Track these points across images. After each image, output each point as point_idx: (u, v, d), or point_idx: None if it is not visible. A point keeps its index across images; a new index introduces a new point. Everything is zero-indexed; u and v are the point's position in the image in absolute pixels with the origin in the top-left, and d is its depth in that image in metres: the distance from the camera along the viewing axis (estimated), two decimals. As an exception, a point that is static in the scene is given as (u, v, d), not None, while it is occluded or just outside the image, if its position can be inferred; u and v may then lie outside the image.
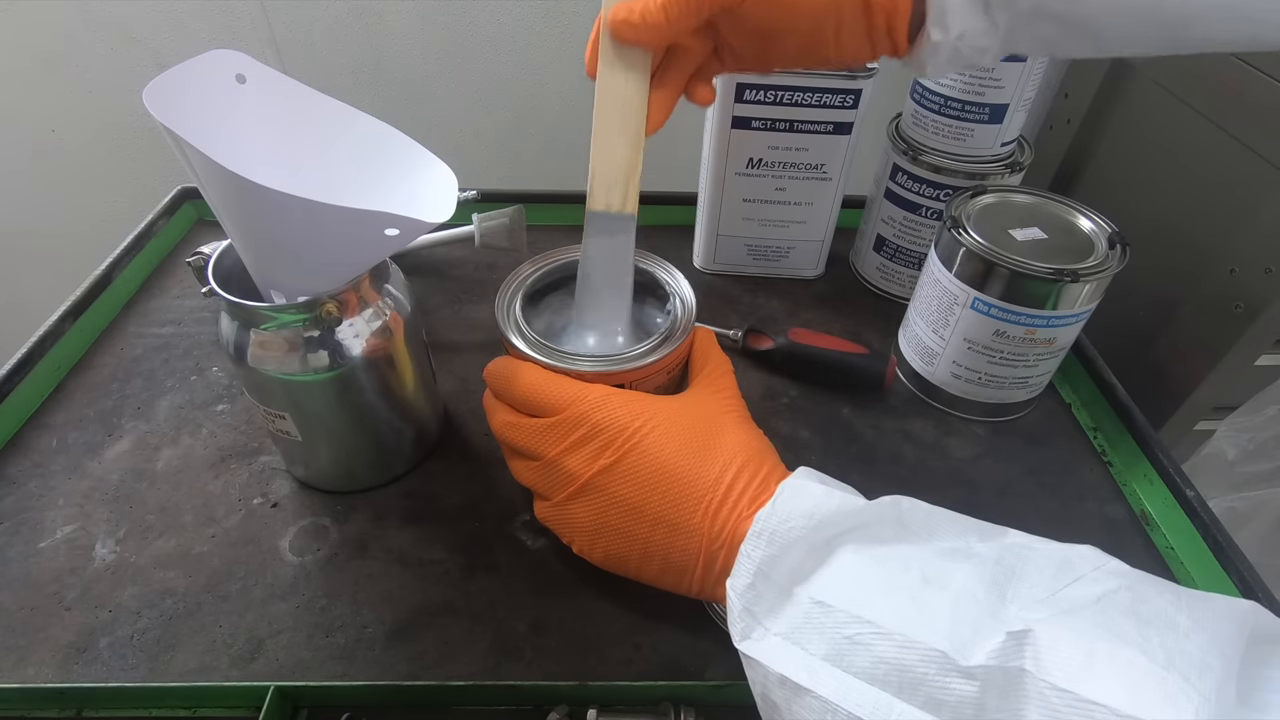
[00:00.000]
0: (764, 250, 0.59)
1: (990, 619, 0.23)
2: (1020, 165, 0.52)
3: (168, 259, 0.60)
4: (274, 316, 0.34)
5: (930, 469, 0.45)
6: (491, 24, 0.76)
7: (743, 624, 0.27)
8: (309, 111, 0.36)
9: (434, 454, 0.44)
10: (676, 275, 0.39)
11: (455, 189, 0.34)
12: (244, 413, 0.46)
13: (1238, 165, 0.54)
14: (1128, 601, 0.23)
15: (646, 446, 0.31)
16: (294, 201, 0.28)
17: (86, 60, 0.77)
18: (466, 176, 0.38)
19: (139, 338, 0.52)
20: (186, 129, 0.28)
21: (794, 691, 0.25)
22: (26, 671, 0.34)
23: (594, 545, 0.33)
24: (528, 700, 0.33)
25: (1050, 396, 0.51)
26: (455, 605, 0.37)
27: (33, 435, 0.45)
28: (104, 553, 0.38)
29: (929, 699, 0.22)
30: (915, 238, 0.55)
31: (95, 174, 0.85)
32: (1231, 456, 0.60)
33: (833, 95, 0.50)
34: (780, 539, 0.27)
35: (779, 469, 0.31)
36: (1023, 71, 0.48)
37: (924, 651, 0.23)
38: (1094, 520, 0.43)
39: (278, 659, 0.34)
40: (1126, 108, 0.67)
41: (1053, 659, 0.21)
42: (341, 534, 0.40)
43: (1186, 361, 0.58)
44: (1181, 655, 0.21)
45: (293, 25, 0.76)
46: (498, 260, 0.60)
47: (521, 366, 0.34)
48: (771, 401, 0.49)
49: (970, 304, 0.43)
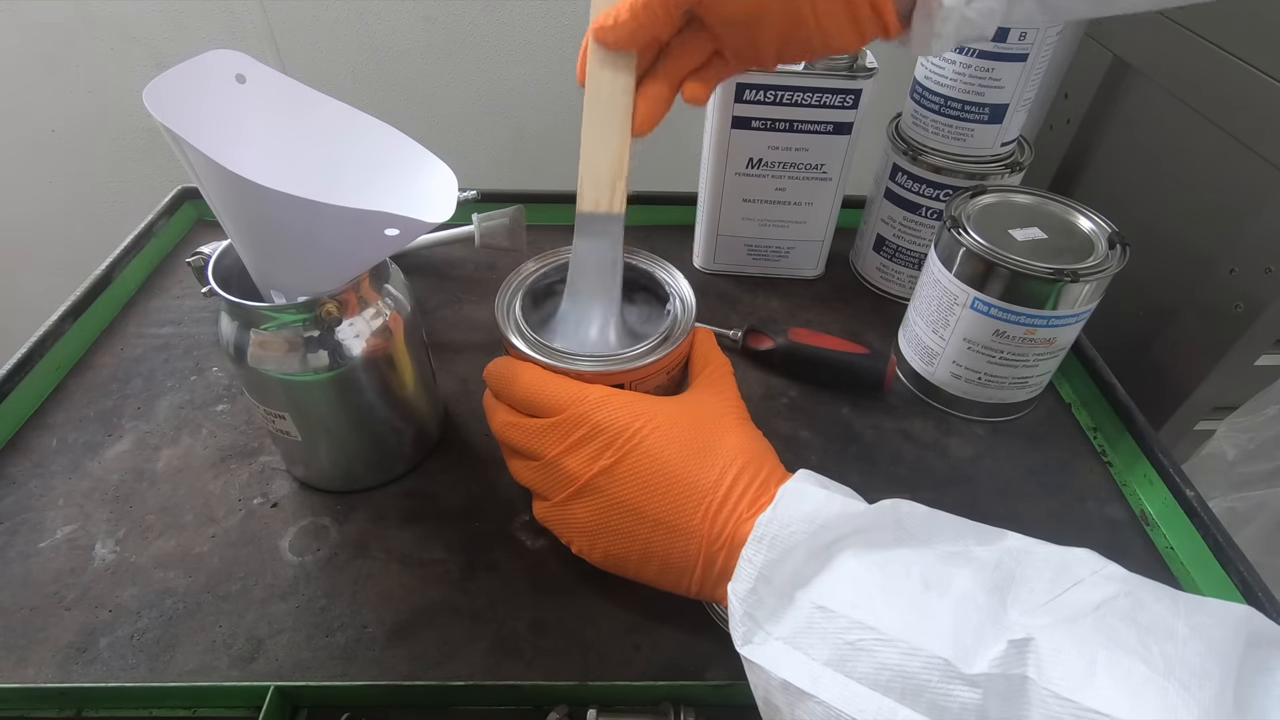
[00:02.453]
0: (764, 250, 0.59)
1: (992, 626, 0.23)
2: (1020, 165, 0.52)
3: (168, 259, 0.60)
4: (274, 316, 0.34)
5: (930, 469, 0.45)
6: (491, 24, 0.76)
7: (744, 628, 0.27)
8: (309, 111, 0.36)
9: (434, 454, 0.44)
10: (676, 275, 0.39)
11: (455, 189, 0.34)
12: (244, 413, 0.46)
13: (1238, 165, 0.54)
14: (1127, 608, 0.23)
15: (646, 448, 0.31)
16: (294, 201, 0.28)
17: (86, 60, 0.77)
18: (466, 176, 0.38)
19: (139, 338, 0.52)
20: (186, 129, 0.28)
21: (797, 696, 0.25)
22: (26, 671, 0.34)
23: (593, 546, 0.33)
24: (528, 700, 0.33)
25: (1050, 396, 0.51)
26: (455, 605, 0.37)
27: (33, 435, 0.45)
28: (104, 553, 0.38)
29: (932, 705, 0.22)
30: (915, 238, 0.55)
31: (95, 174, 0.85)
32: (1231, 456, 0.60)
33: (833, 95, 0.50)
34: (781, 543, 0.27)
35: (779, 471, 0.31)
36: (1023, 71, 0.48)
37: (927, 659, 0.23)
38: (1094, 520, 0.43)
39: (278, 659, 0.34)
40: (1126, 108, 0.67)
41: (1054, 667, 0.21)
42: (341, 534, 0.40)
43: (1186, 361, 0.58)
44: (1181, 663, 0.21)
45: (293, 25, 0.76)
46: (498, 260, 0.60)
47: (521, 367, 0.34)
48: (771, 401, 0.49)
49: (970, 304, 0.43)
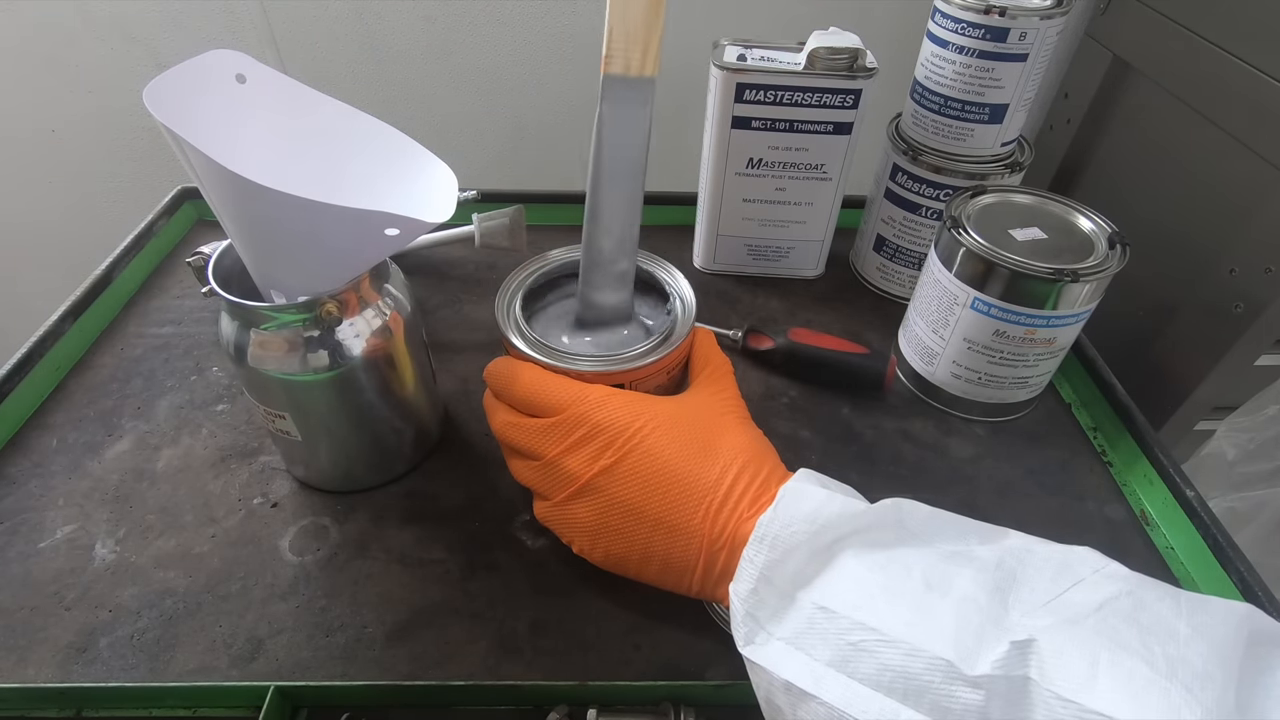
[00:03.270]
0: (764, 250, 0.59)
1: (994, 627, 0.23)
2: (1020, 165, 0.52)
3: (168, 259, 0.60)
4: (274, 316, 0.34)
5: (930, 469, 0.45)
6: (491, 24, 0.76)
7: (746, 629, 0.27)
8: (309, 111, 0.36)
9: (434, 454, 0.44)
10: (676, 275, 0.39)
11: (455, 189, 0.34)
12: (244, 413, 0.46)
13: (1238, 165, 0.54)
14: (1128, 608, 0.23)
15: (647, 447, 0.31)
16: (294, 201, 0.28)
17: (86, 60, 0.77)
18: (466, 176, 0.38)
19: (139, 338, 0.52)
20: (186, 129, 0.28)
21: (799, 697, 0.25)
22: (26, 671, 0.34)
23: (594, 545, 0.33)
24: (528, 700, 0.33)
25: (1050, 396, 0.51)
26: (455, 605, 0.37)
27: (33, 435, 0.45)
28: (104, 553, 0.38)
29: (934, 707, 0.22)
30: (915, 238, 0.55)
31: (95, 174, 0.85)
32: (1231, 456, 0.60)
33: (833, 95, 0.50)
34: (782, 543, 0.27)
35: (779, 470, 0.31)
36: (1023, 71, 0.48)
37: (929, 660, 0.23)
38: (1094, 520, 0.43)
39: (278, 659, 0.34)
40: (1126, 108, 0.67)
41: (1057, 669, 0.21)
42: (341, 534, 0.40)
43: (1186, 361, 0.58)
44: (1183, 664, 0.21)
45: (293, 25, 0.76)
46: (498, 260, 0.60)
47: (522, 367, 0.34)
48: (771, 401, 0.49)
49: (970, 304, 0.43)
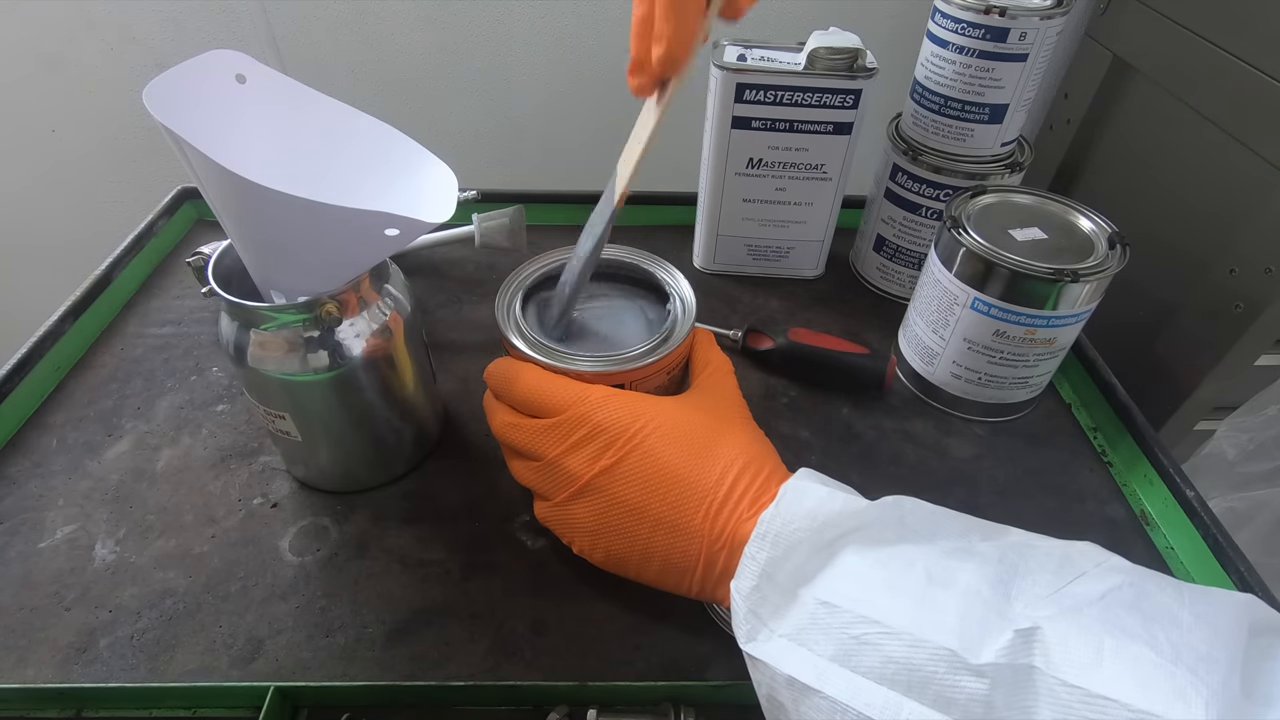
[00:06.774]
0: (764, 250, 0.59)
1: (997, 617, 0.23)
2: (1020, 165, 0.52)
3: (168, 259, 0.60)
4: (274, 316, 0.34)
5: (930, 469, 0.45)
6: (491, 24, 0.76)
7: (748, 626, 0.27)
8: (309, 111, 0.36)
9: (434, 454, 0.44)
10: (676, 275, 0.39)
11: (455, 189, 0.34)
12: (244, 413, 0.46)
13: (1238, 165, 0.54)
14: (1131, 597, 0.23)
15: (648, 448, 0.31)
16: (294, 201, 0.28)
17: (86, 60, 0.77)
18: (466, 176, 0.38)
19: (139, 338, 0.52)
20: (186, 129, 0.27)
21: (802, 692, 0.25)
22: (26, 672, 0.34)
23: (594, 546, 0.33)
24: (528, 700, 0.33)
25: (1050, 396, 0.51)
26: (455, 605, 0.37)
27: (33, 435, 0.45)
28: (104, 553, 0.38)
29: (938, 697, 0.22)
30: (915, 238, 0.55)
31: (95, 174, 0.85)
32: (1231, 456, 0.60)
33: (833, 95, 0.50)
34: (784, 540, 0.27)
35: (780, 470, 0.31)
36: (1023, 71, 0.48)
37: (933, 650, 0.23)
38: (1094, 520, 0.43)
39: (278, 659, 0.34)
40: (1126, 108, 0.67)
41: (1062, 655, 0.21)
42: (341, 534, 0.40)
43: (1186, 361, 0.58)
44: (1188, 649, 0.21)
45: (293, 25, 0.76)
46: (498, 260, 0.60)
47: (522, 367, 0.34)
48: (771, 401, 0.49)
49: (970, 304, 0.43)
